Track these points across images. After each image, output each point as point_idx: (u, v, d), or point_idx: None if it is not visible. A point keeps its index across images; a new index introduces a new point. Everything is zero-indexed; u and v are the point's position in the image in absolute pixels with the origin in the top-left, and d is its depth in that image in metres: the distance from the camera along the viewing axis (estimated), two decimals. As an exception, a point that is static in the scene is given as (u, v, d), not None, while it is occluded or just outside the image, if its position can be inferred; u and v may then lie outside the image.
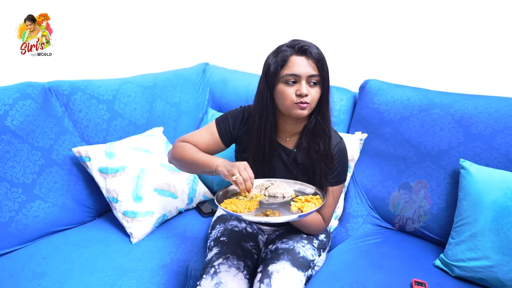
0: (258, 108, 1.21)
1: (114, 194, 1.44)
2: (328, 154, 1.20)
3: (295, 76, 1.12)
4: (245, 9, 2.09)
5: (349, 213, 1.56)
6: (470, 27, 1.54)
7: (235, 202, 1.10)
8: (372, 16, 1.73)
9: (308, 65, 1.12)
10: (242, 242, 1.23)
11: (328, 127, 1.21)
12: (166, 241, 1.40)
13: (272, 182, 1.19)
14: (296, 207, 1.08)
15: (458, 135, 1.39)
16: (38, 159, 1.39)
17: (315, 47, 1.14)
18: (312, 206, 1.07)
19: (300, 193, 1.18)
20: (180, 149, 1.24)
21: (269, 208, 1.09)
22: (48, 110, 1.47)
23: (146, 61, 1.98)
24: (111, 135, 1.62)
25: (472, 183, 1.28)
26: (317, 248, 1.25)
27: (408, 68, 1.71)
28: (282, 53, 1.14)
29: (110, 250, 1.32)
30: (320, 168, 1.20)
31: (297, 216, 1.01)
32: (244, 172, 1.04)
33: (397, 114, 1.52)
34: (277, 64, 1.14)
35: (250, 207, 1.08)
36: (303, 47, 1.12)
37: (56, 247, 1.32)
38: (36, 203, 1.36)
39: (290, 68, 1.13)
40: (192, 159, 1.19)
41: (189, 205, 1.61)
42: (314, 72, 1.13)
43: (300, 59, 1.12)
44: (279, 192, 1.16)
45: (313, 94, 1.14)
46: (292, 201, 1.13)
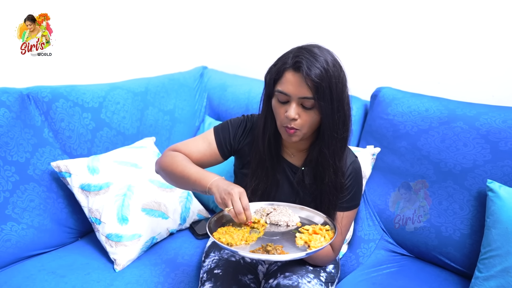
0: (262, 117, 1.07)
1: (97, 214, 1.29)
2: (337, 187, 1.05)
3: (285, 95, 0.97)
4: (247, 8, 1.94)
5: (360, 236, 1.41)
6: (495, 30, 1.38)
7: (230, 232, 0.95)
8: (386, 18, 1.57)
9: (300, 85, 0.95)
10: (239, 276, 1.08)
11: (334, 159, 1.03)
12: (154, 269, 1.24)
13: (275, 207, 1.04)
14: (302, 240, 0.93)
15: (484, 152, 1.24)
16: (12, 175, 1.25)
17: (320, 64, 0.94)
18: (321, 240, 0.92)
19: (307, 221, 1.03)
20: (170, 158, 1.09)
21: (271, 240, 0.94)
22: (25, 120, 1.33)
23: (138, 64, 1.83)
24: (97, 147, 1.47)
25: (503, 209, 1.12)
26: (324, 282, 1.09)
27: (425, 74, 1.54)
28: (281, 64, 0.98)
29: (90, 280, 1.17)
30: (329, 198, 1.05)
31: (304, 254, 0.86)
32: (238, 204, 0.90)
33: (414, 127, 1.36)
34: (271, 76, 1.00)
35: (248, 239, 0.93)
36: (298, 63, 0.94)
37: (29, 276, 1.17)
38: (8, 225, 1.22)
39: (282, 85, 0.97)
40: (182, 173, 1.04)
41: (181, 226, 1.45)
42: (307, 95, 0.95)
43: (294, 76, 0.95)
44: (283, 220, 1.01)
45: (305, 119, 0.98)
46: (298, 231, 0.97)
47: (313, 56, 0.95)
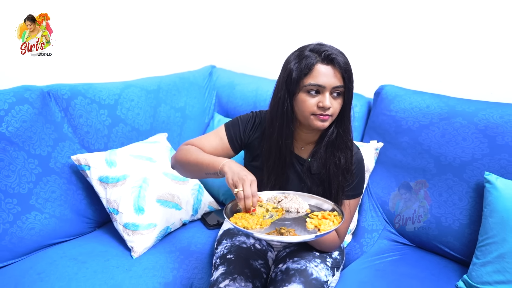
0: (278, 116, 1.12)
1: (114, 205, 1.36)
2: (348, 168, 1.13)
3: (320, 86, 1.04)
4: (255, 9, 2.00)
5: (364, 227, 1.47)
6: (494, 29, 1.44)
7: (245, 217, 1.01)
8: (389, 19, 1.64)
9: (333, 75, 1.04)
10: (251, 261, 1.15)
11: (350, 140, 1.13)
12: (169, 256, 1.31)
13: (286, 195, 1.11)
14: (312, 224, 1.00)
15: (482, 146, 1.30)
16: (35, 167, 1.32)
17: (342, 55, 1.06)
18: (330, 224, 0.98)
19: (317, 208, 1.09)
20: (184, 151, 1.16)
21: (283, 224, 1.00)
22: (47, 116, 1.40)
23: (150, 64, 1.90)
24: (113, 142, 1.54)
25: (499, 199, 1.18)
26: (330, 267, 1.16)
27: (427, 72, 1.61)
28: (307, 60, 1.05)
29: (110, 265, 1.24)
30: (338, 182, 1.12)
31: (314, 236, 0.93)
32: (248, 188, 0.96)
33: (416, 123, 1.43)
34: (300, 71, 1.06)
35: (262, 223, 1.00)
36: (330, 55, 1.03)
37: (52, 262, 1.24)
38: (32, 214, 1.29)
39: (314, 78, 1.04)
40: (196, 160, 1.10)
41: (193, 217, 1.53)
42: (339, 84, 1.05)
43: (326, 68, 1.04)
44: (293, 207, 1.07)
45: (336, 106, 1.07)
46: (308, 217, 1.04)
47: (334, 49, 1.05)
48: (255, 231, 0.95)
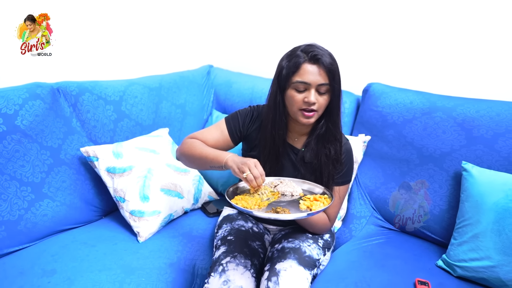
0: (271, 109, 1.24)
1: (121, 193, 1.46)
2: (338, 159, 1.24)
3: (305, 84, 1.15)
4: (250, 12, 2.11)
5: (353, 214, 1.59)
6: (472, 32, 1.57)
7: (245, 198, 1.11)
8: (376, 20, 1.76)
9: (319, 74, 1.14)
10: (249, 241, 1.25)
11: (339, 133, 1.24)
12: (173, 240, 1.42)
13: (281, 181, 1.22)
14: (305, 205, 1.11)
15: (460, 138, 1.42)
16: (47, 158, 1.41)
17: (329, 55, 1.16)
18: (320, 205, 1.09)
19: (309, 192, 1.20)
20: (189, 145, 1.26)
21: (278, 205, 1.11)
22: (57, 110, 1.49)
23: (152, 63, 2.00)
24: (118, 136, 1.64)
25: (474, 185, 1.31)
26: (322, 247, 1.27)
27: (410, 71, 1.73)
28: (295, 59, 1.16)
29: (118, 248, 1.34)
30: (328, 170, 1.23)
31: (306, 214, 1.04)
32: (255, 170, 1.06)
33: (400, 117, 1.54)
34: (289, 69, 1.16)
35: (260, 204, 1.10)
36: (316, 56, 1.13)
37: (64, 245, 1.34)
38: (44, 201, 1.38)
39: (301, 76, 1.15)
40: (201, 154, 1.20)
41: (194, 205, 1.63)
42: (324, 81, 1.15)
43: (312, 67, 1.14)
44: (288, 191, 1.18)
45: (321, 102, 1.17)
46: (301, 199, 1.15)
47: (321, 50, 1.16)
48: (254, 210, 1.05)
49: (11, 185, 1.31)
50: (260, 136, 1.29)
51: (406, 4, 1.68)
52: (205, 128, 1.36)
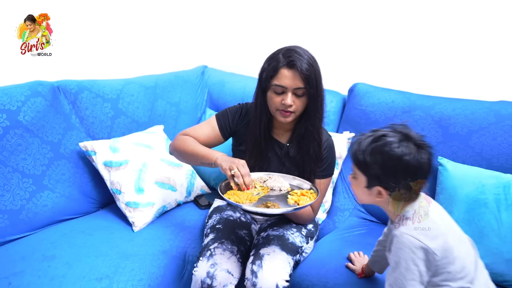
0: (256, 107, 1.32)
1: (117, 186, 1.54)
2: (318, 156, 1.31)
3: (283, 87, 1.22)
4: (242, 15, 2.21)
5: (337, 206, 1.67)
6: (449, 37, 1.67)
7: (237, 193, 1.17)
8: (362, 24, 1.86)
9: (295, 78, 1.20)
10: (236, 230, 1.34)
11: (318, 134, 1.30)
12: (166, 230, 1.50)
13: (270, 176, 1.29)
14: (292, 200, 1.18)
15: (437, 135, 1.51)
16: (48, 152, 1.49)
17: (307, 60, 1.21)
18: (307, 199, 1.16)
19: (296, 187, 1.27)
20: (182, 141, 1.33)
21: (268, 200, 1.18)
22: (57, 107, 1.57)
23: (148, 63, 2.09)
24: (115, 132, 1.72)
25: (448, 179, 1.39)
26: (305, 236, 1.36)
27: (393, 72, 1.83)
28: (274, 63, 1.22)
29: (114, 237, 1.43)
30: (310, 167, 1.32)
31: (293, 209, 1.11)
32: (242, 169, 1.13)
33: (382, 115, 1.63)
34: (268, 73, 1.24)
35: (251, 199, 1.16)
36: (293, 61, 1.19)
37: (63, 234, 1.42)
38: (45, 193, 1.46)
39: (278, 79, 1.22)
40: (192, 151, 1.28)
41: (187, 198, 1.71)
42: (300, 86, 1.21)
43: (288, 72, 1.20)
44: (276, 186, 1.25)
45: (298, 104, 1.24)
46: (288, 194, 1.22)
47: (300, 55, 1.22)
48: (245, 205, 1.12)
49: (13, 177, 1.39)
50: (247, 131, 1.38)
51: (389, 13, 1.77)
52: (197, 125, 1.44)
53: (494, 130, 1.43)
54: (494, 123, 1.43)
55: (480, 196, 1.30)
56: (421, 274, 0.93)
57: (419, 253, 0.92)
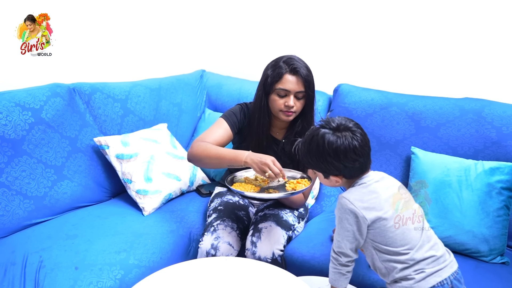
0: (257, 109, 1.49)
1: (128, 176, 1.73)
2: None
3: (286, 91, 1.41)
4: (236, 24, 2.41)
5: (324, 193, 1.88)
6: (423, 41, 1.89)
7: (243, 185, 1.35)
8: (346, 31, 2.08)
9: (297, 83, 1.39)
10: (236, 211, 1.54)
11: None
12: (172, 214, 1.69)
13: None
14: (290, 187, 1.35)
15: (410, 128, 1.72)
16: (66, 146, 1.68)
17: (305, 67, 1.40)
18: (302, 186, 1.34)
19: (292, 178, 1.43)
20: (203, 147, 1.37)
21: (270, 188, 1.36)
22: (73, 107, 1.76)
23: (152, 67, 2.29)
24: (124, 129, 1.91)
25: (419, 165, 1.60)
26: (297, 216, 1.56)
27: (373, 73, 2.05)
28: (278, 70, 1.40)
29: (127, 220, 1.61)
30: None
31: (290, 193, 1.29)
32: (275, 168, 1.24)
33: (363, 112, 1.84)
34: (273, 78, 1.41)
35: (255, 189, 1.34)
36: (296, 68, 1.38)
37: (82, 218, 1.60)
38: (64, 182, 1.64)
39: (283, 84, 1.40)
40: (217, 155, 1.34)
41: (190, 187, 1.90)
42: (301, 89, 1.41)
43: (292, 77, 1.39)
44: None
45: (298, 105, 1.43)
46: (286, 183, 1.38)
47: (299, 63, 1.42)
48: (250, 193, 1.30)
49: (38, 167, 1.57)
50: (249, 130, 1.56)
51: (368, 23, 1.99)
52: (207, 130, 1.50)
53: (458, 123, 1.64)
54: (458, 117, 1.65)
55: (445, 178, 1.51)
56: (355, 235, 1.08)
57: (351, 215, 1.07)
